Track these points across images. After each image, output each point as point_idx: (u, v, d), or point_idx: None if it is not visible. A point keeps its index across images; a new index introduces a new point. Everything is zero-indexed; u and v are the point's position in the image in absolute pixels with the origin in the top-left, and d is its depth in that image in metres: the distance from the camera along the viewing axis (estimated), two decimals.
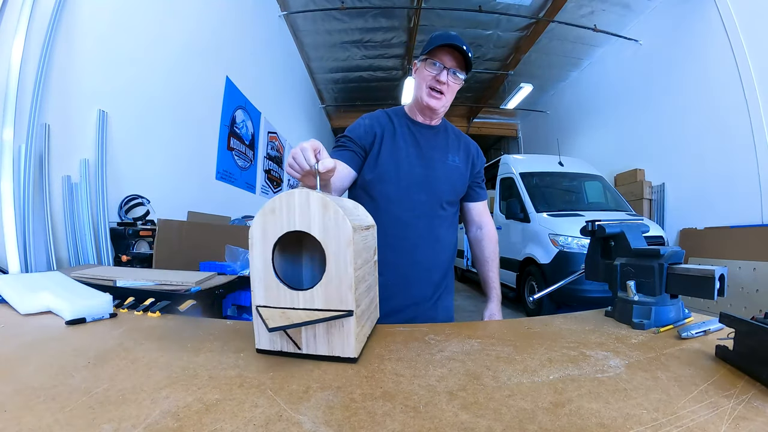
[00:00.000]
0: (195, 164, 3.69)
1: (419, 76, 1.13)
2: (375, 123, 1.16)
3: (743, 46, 4.22)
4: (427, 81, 1.10)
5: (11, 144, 1.79)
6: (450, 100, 1.15)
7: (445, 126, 1.26)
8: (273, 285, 0.61)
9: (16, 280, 0.99)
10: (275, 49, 5.96)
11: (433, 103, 1.11)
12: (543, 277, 4.18)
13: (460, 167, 1.20)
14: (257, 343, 0.62)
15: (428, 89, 1.10)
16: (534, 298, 1.14)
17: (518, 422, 0.42)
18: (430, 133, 1.20)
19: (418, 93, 1.14)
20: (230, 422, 0.41)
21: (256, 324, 0.62)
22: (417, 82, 1.15)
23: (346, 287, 0.59)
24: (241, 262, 1.70)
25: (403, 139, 1.16)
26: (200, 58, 3.62)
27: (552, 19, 6.01)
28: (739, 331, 0.55)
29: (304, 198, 0.59)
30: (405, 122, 1.19)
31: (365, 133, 1.14)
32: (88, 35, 2.29)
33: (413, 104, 1.20)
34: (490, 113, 10.44)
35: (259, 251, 0.61)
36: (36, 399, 0.44)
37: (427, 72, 1.09)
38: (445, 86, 1.09)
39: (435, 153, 1.17)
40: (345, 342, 0.60)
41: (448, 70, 1.08)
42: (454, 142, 1.23)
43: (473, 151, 1.26)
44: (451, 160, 1.19)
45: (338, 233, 0.58)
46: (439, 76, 1.08)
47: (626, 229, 0.88)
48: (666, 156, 5.42)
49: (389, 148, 1.14)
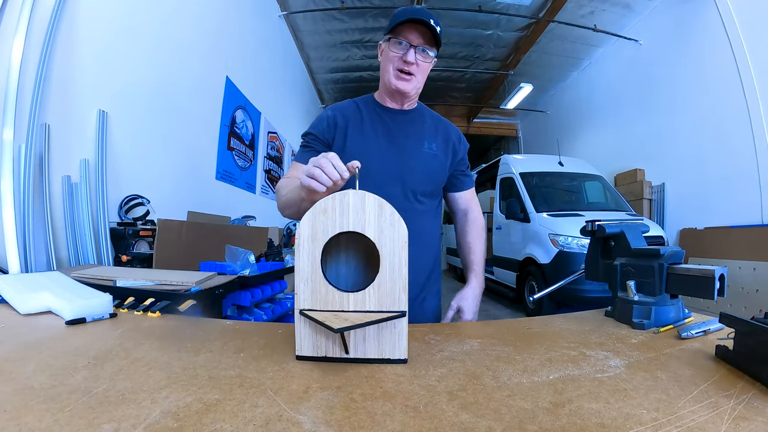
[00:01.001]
0: (195, 164, 3.69)
1: (385, 57, 1.03)
2: (338, 114, 1.07)
3: (743, 46, 4.22)
4: (393, 62, 1.00)
5: (11, 144, 1.79)
6: (422, 81, 1.05)
7: (420, 111, 1.14)
8: (321, 287, 0.59)
9: (16, 280, 0.99)
10: (275, 49, 5.96)
11: (402, 86, 1.01)
12: (543, 277, 4.18)
13: (437, 155, 1.10)
14: (298, 349, 0.59)
15: (396, 71, 1.00)
16: (534, 298, 1.14)
17: (518, 422, 0.42)
18: (403, 119, 1.10)
19: (386, 76, 1.03)
20: (230, 422, 0.41)
21: (300, 329, 0.59)
22: (383, 65, 1.04)
23: (399, 288, 0.59)
24: (241, 262, 1.70)
25: (372, 127, 1.06)
26: (200, 58, 3.62)
27: (552, 19, 6.01)
28: (739, 331, 0.55)
29: (359, 199, 0.59)
30: (374, 109, 1.09)
31: (328, 127, 1.05)
32: (88, 35, 2.29)
33: (381, 89, 1.10)
34: (490, 113, 10.43)
35: (307, 252, 0.59)
36: (36, 399, 0.44)
37: (392, 53, 0.99)
38: (413, 66, 0.99)
39: (409, 140, 1.07)
40: (396, 344, 0.59)
41: (415, 48, 0.97)
42: (430, 128, 1.12)
43: (453, 137, 1.15)
44: (427, 147, 1.08)
45: (393, 235, 0.59)
46: (406, 56, 0.98)
47: (626, 229, 0.88)
48: (666, 156, 5.42)
49: (356, 139, 1.04)
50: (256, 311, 1.97)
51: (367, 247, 0.71)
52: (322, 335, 0.59)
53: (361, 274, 0.71)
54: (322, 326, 0.55)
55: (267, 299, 2.06)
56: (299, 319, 0.59)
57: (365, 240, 0.61)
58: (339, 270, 0.70)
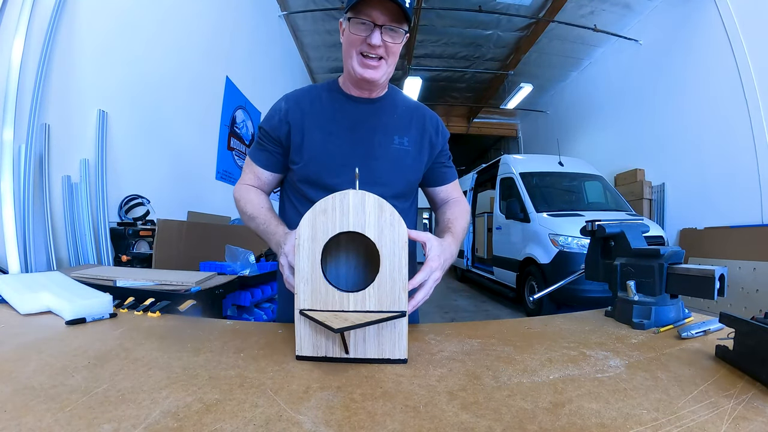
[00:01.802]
0: (195, 164, 3.69)
1: (346, 40, 0.86)
2: (292, 107, 0.93)
3: (743, 46, 4.22)
4: (356, 47, 0.85)
5: (11, 144, 1.79)
6: (393, 65, 0.89)
7: (392, 97, 0.99)
8: (321, 287, 0.59)
9: (16, 280, 0.99)
10: (275, 49, 5.96)
11: (369, 74, 0.86)
12: (543, 277, 4.18)
13: (409, 150, 0.96)
14: (298, 349, 0.59)
15: (359, 56, 0.85)
16: (534, 298, 1.14)
17: (518, 422, 0.42)
18: (370, 109, 0.95)
19: (349, 63, 0.88)
20: (230, 422, 0.41)
21: (300, 329, 0.59)
22: (345, 48, 0.88)
23: (399, 288, 0.59)
24: (241, 262, 1.70)
25: (334, 121, 0.93)
26: (200, 58, 3.62)
27: (552, 19, 6.01)
28: (739, 331, 0.55)
29: (359, 199, 0.59)
30: (337, 97, 0.95)
31: (279, 123, 0.93)
32: (88, 35, 2.29)
33: (345, 76, 0.94)
34: (490, 113, 10.44)
35: (307, 252, 0.59)
36: (36, 399, 0.44)
37: (354, 35, 0.83)
38: (381, 49, 0.84)
39: (376, 135, 0.94)
40: (396, 344, 0.59)
41: (381, 28, 0.81)
42: (402, 118, 0.98)
43: (430, 128, 1.00)
44: (398, 142, 0.95)
45: (394, 235, 0.59)
46: (371, 39, 0.82)
47: (626, 229, 0.88)
48: (666, 156, 5.42)
49: (315, 135, 0.91)
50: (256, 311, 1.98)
51: (366, 247, 0.71)
52: (322, 335, 0.59)
53: (360, 274, 0.71)
54: (322, 326, 0.55)
55: (267, 299, 2.06)
56: (299, 319, 0.59)
57: (364, 240, 0.61)
58: (339, 270, 0.70)
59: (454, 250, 0.84)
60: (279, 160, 0.96)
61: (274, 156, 0.96)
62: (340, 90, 0.96)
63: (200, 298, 1.08)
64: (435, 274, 0.71)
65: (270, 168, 0.97)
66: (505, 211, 5.20)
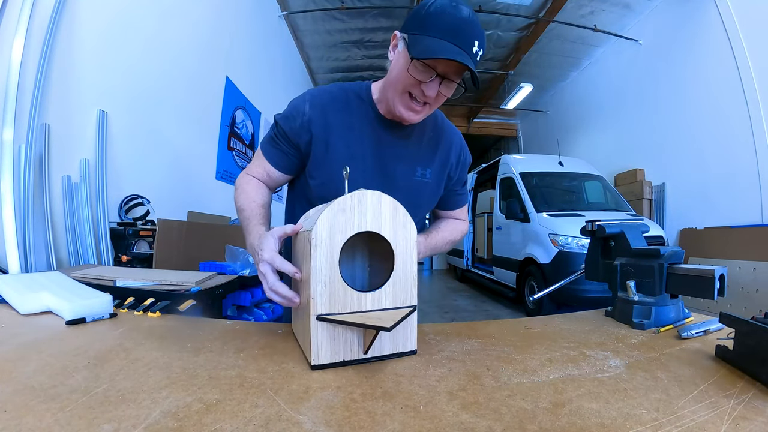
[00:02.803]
0: (195, 164, 3.69)
1: (400, 73, 0.79)
2: (317, 116, 0.87)
3: (743, 46, 4.22)
4: (408, 86, 0.79)
5: (11, 144, 1.79)
6: (435, 108, 0.86)
7: (422, 122, 0.92)
8: (340, 289, 0.57)
9: (16, 280, 0.99)
10: (275, 49, 5.96)
11: (409, 117, 0.83)
12: (543, 277, 4.18)
13: (430, 183, 0.95)
14: (315, 359, 0.56)
15: (406, 95, 0.80)
16: (534, 298, 1.14)
17: (518, 422, 0.42)
18: (399, 135, 0.91)
19: (392, 94, 0.82)
20: (230, 422, 0.41)
21: (318, 335, 0.56)
22: (395, 75, 0.80)
23: (411, 284, 0.62)
24: (241, 262, 1.70)
25: (360, 142, 0.88)
26: (200, 58, 3.61)
27: (552, 19, 6.01)
28: (739, 331, 0.55)
29: (376, 199, 0.60)
30: (368, 113, 0.90)
31: (300, 129, 0.87)
32: (88, 35, 2.29)
33: (382, 96, 0.88)
34: (490, 113, 10.43)
35: (325, 253, 0.56)
36: (36, 399, 0.44)
37: (412, 76, 0.77)
38: (431, 98, 0.80)
39: (399, 165, 0.91)
40: (408, 337, 0.62)
41: (442, 79, 0.77)
42: (427, 148, 0.95)
43: (453, 159, 0.99)
44: (420, 174, 0.93)
45: (406, 234, 0.61)
46: (428, 89, 0.77)
47: (626, 229, 0.88)
48: (666, 156, 5.42)
49: (340, 151, 0.87)
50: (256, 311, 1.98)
51: (367, 246, 0.72)
52: (339, 339, 0.57)
53: (365, 273, 0.71)
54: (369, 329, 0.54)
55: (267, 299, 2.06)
56: (317, 326, 0.56)
57: (364, 239, 0.61)
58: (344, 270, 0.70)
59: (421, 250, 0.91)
60: (294, 163, 0.92)
61: (288, 158, 0.91)
62: (372, 104, 0.90)
63: (200, 298, 1.08)
64: None
65: (281, 168, 0.93)
66: (505, 211, 5.20)
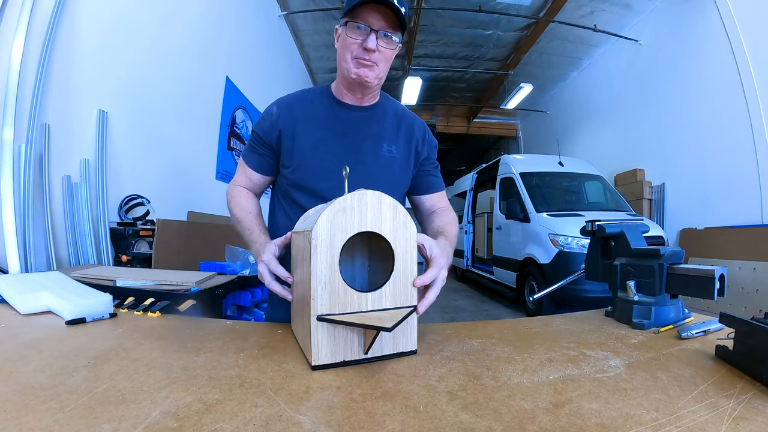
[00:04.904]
0: (195, 164, 3.69)
1: (342, 44, 0.89)
2: (283, 112, 0.95)
3: (743, 46, 4.22)
4: (352, 50, 0.87)
5: (11, 144, 1.79)
6: (385, 71, 0.92)
7: (382, 106, 1.01)
8: (341, 289, 0.57)
9: (16, 280, 0.99)
10: (275, 49, 5.96)
11: (364, 74, 0.88)
12: (543, 277, 4.18)
13: (397, 158, 0.99)
14: (315, 359, 0.56)
15: (354, 60, 0.88)
16: (534, 298, 1.14)
17: (518, 422, 0.42)
18: (362, 117, 0.98)
19: (343, 65, 0.90)
20: (230, 422, 0.41)
21: (318, 336, 0.56)
22: (340, 52, 0.91)
23: (410, 284, 0.62)
24: (240, 262, 1.70)
25: (325, 127, 0.95)
26: (200, 58, 3.62)
27: (552, 19, 6.01)
28: (739, 331, 0.55)
29: (376, 199, 0.60)
30: (330, 104, 0.97)
31: (270, 128, 0.95)
32: (88, 35, 2.29)
33: (339, 80, 0.97)
34: (490, 113, 10.43)
35: (325, 253, 0.56)
36: (36, 399, 0.44)
37: (350, 39, 0.86)
38: (375, 54, 0.86)
39: (365, 143, 0.96)
40: (408, 337, 0.62)
41: (376, 32, 0.84)
42: (391, 126, 1.01)
43: (417, 134, 1.03)
44: (386, 150, 0.98)
45: (406, 234, 0.61)
46: (367, 43, 0.84)
47: (626, 229, 0.88)
48: (666, 156, 5.42)
49: (306, 141, 0.93)
50: (256, 311, 1.98)
51: (367, 246, 0.72)
52: (340, 340, 0.57)
53: (365, 273, 0.71)
54: (369, 329, 0.54)
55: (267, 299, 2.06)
56: (317, 326, 0.56)
57: (365, 239, 0.61)
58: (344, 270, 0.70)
59: (449, 252, 0.85)
60: (270, 164, 1.00)
61: (265, 159, 0.99)
62: (332, 96, 0.99)
63: (200, 298, 1.08)
64: (443, 272, 0.71)
65: (261, 171, 1.01)
66: (505, 211, 5.20)
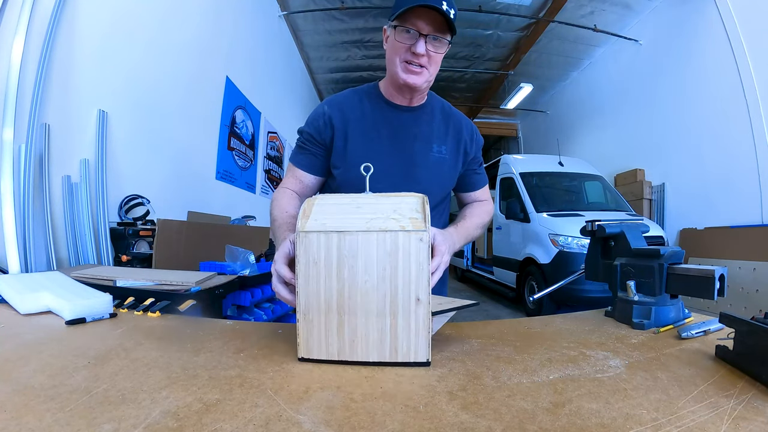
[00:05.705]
0: (195, 164, 3.69)
1: (391, 47, 0.92)
2: (335, 112, 0.97)
3: (743, 46, 4.22)
4: (401, 54, 0.89)
5: (11, 144, 1.79)
6: (434, 73, 0.94)
7: (430, 106, 1.03)
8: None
9: (16, 280, 0.99)
10: (275, 49, 5.96)
11: (412, 80, 0.90)
12: (543, 277, 4.18)
13: (446, 159, 1.01)
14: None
15: (403, 63, 0.90)
16: (534, 298, 1.14)
17: (518, 422, 0.42)
18: (411, 117, 1.00)
19: (392, 69, 0.92)
20: (230, 422, 0.41)
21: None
22: (389, 55, 0.93)
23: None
24: (241, 262, 1.70)
25: (375, 128, 0.97)
26: (200, 58, 3.61)
27: (552, 19, 6.01)
28: (739, 331, 0.55)
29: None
30: (379, 104, 0.99)
31: (324, 126, 0.97)
32: (88, 35, 2.29)
33: (388, 81, 0.99)
34: (490, 113, 10.44)
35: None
36: (36, 399, 0.44)
37: (399, 43, 0.88)
38: (424, 58, 0.88)
39: (416, 144, 0.98)
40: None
41: (426, 37, 0.86)
42: (440, 127, 1.03)
43: (465, 135, 1.05)
44: (436, 150, 1.00)
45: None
46: (416, 47, 0.86)
47: (626, 229, 0.88)
48: (666, 156, 5.42)
49: (358, 142, 0.95)
50: (256, 311, 1.97)
51: None
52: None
53: None
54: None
55: (267, 299, 2.06)
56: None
57: None
58: None
59: (455, 239, 0.89)
60: (323, 163, 0.99)
61: (318, 159, 0.99)
62: (381, 96, 1.00)
63: (200, 298, 1.08)
64: (445, 257, 0.73)
65: (313, 171, 1.00)
66: (505, 211, 5.19)
